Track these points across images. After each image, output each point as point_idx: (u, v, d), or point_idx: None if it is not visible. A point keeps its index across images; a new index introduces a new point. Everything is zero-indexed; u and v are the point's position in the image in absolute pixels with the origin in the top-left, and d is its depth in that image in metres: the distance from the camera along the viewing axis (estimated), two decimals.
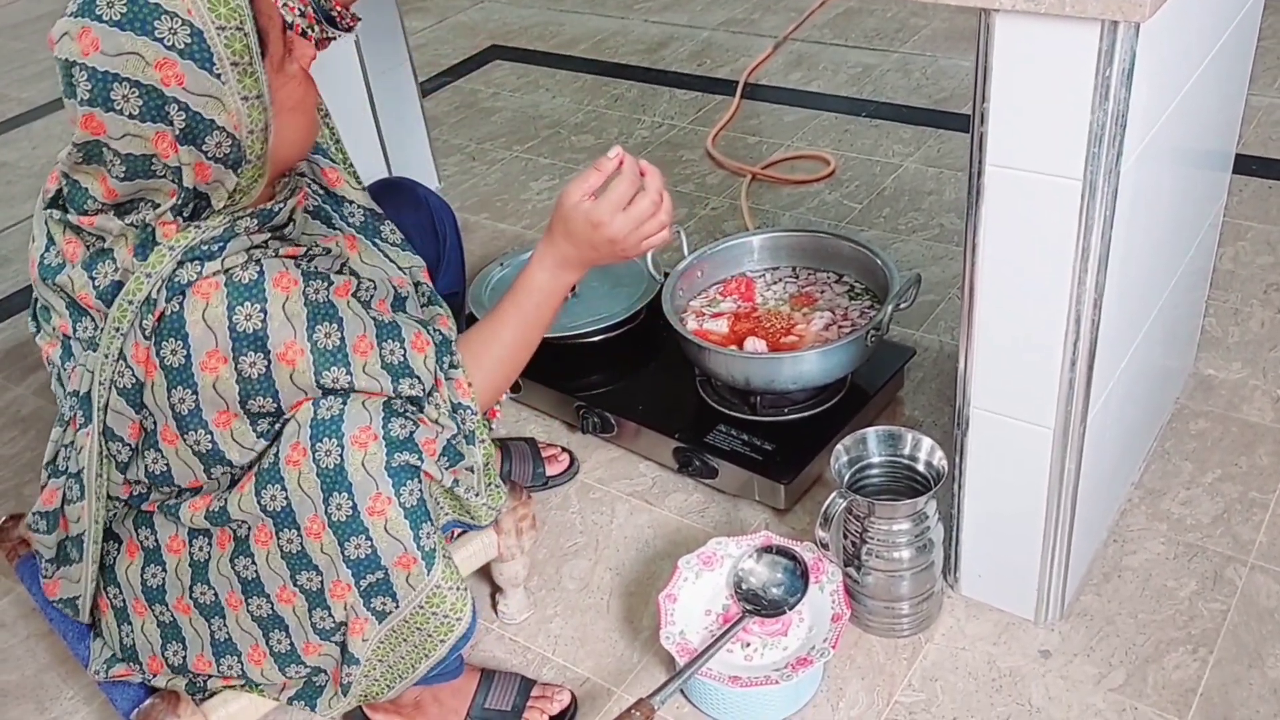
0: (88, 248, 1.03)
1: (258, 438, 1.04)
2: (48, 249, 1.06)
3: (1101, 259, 1.07)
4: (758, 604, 1.31)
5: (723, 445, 1.56)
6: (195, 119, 0.96)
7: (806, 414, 1.60)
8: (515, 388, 1.76)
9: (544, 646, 1.42)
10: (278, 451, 1.02)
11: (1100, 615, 1.36)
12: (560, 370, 1.73)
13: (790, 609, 1.30)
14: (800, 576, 1.32)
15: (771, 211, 2.27)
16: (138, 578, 1.13)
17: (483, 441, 1.14)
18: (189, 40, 0.94)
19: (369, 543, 1.03)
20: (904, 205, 2.24)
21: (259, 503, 1.03)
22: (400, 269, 1.25)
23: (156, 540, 1.12)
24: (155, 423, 1.04)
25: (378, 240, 1.26)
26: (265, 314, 0.99)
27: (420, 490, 1.05)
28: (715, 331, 1.61)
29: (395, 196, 1.42)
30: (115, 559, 1.15)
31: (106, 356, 1.02)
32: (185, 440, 1.04)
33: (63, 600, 1.20)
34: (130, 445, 1.07)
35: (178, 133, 0.96)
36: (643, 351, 1.77)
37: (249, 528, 1.07)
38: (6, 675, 1.49)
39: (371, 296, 1.13)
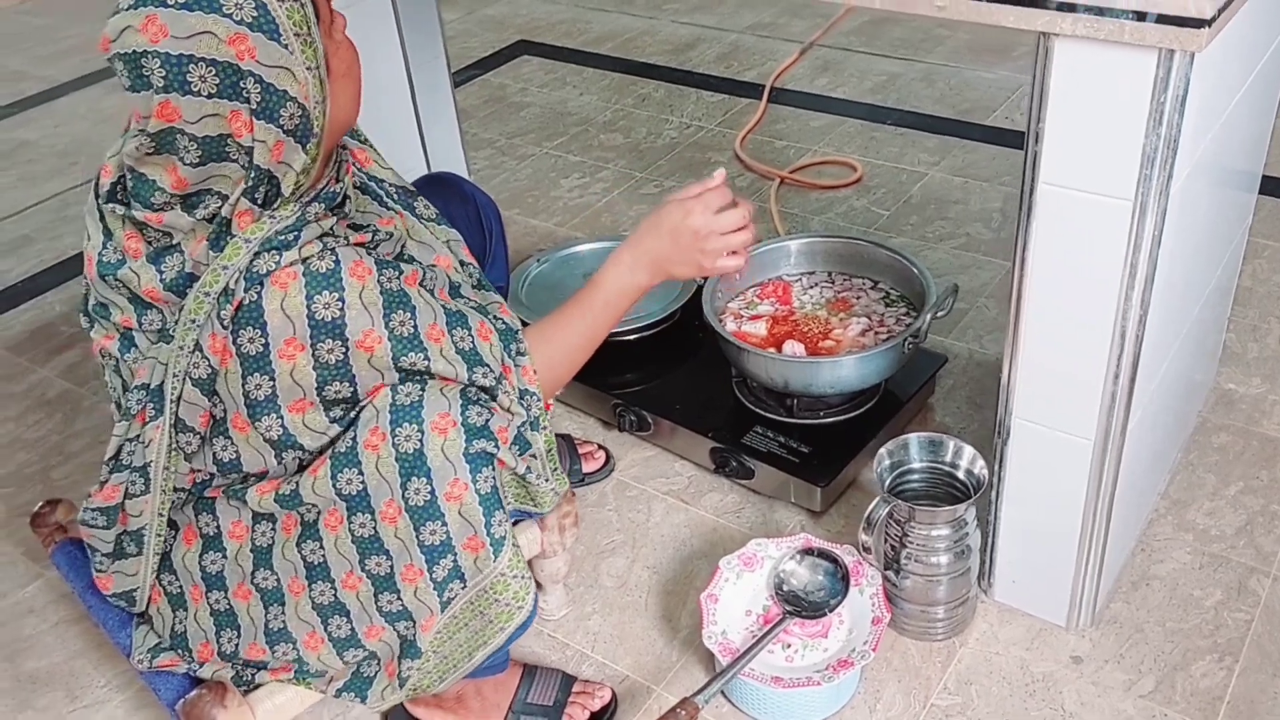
0: (150, 243, 1.05)
1: (330, 423, 1.07)
2: (105, 245, 1.07)
3: (1148, 277, 1.10)
4: (799, 605, 1.34)
5: (760, 446, 1.60)
6: (269, 92, 0.98)
7: (841, 418, 1.63)
8: None
9: (583, 643, 1.45)
10: (355, 436, 1.05)
11: (1129, 623, 1.39)
12: (597, 368, 1.72)
13: (831, 611, 1.33)
14: (841, 579, 1.35)
15: (801, 216, 2.30)
16: (195, 564, 1.16)
17: (545, 428, 1.17)
18: (255, 14, 0.96)
19: (444, 528, 1.06)
20: (931, 213, 2.27)
21: (334, 486, 1.05)
22: (441, 242, 1.27)
23: (218, 526, 1.14)
24: (226, 411, 1.06)
25: (415, 218, 1.29)
26: (343, 303, 1.02)
27: (494, 478, 1.08)
28: (754, 334, 1.64)
29: (442, 191, 1.45)
30: (171, 546, 1.17)
31: (181, 349, 1.03)
32: (257, 427, 1.06)
33: (117, 594, 1.22)
34: (200, 435, 1.09)
35: (254, 108, 0.98)
36: (678, 352, 1.80)
37: (318, 511, 1.09)
38: (36, 661, 1.51)
39: (434, 286, 1.16)
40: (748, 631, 1.35)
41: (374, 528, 1.07)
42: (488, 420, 1.08)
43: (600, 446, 1.72)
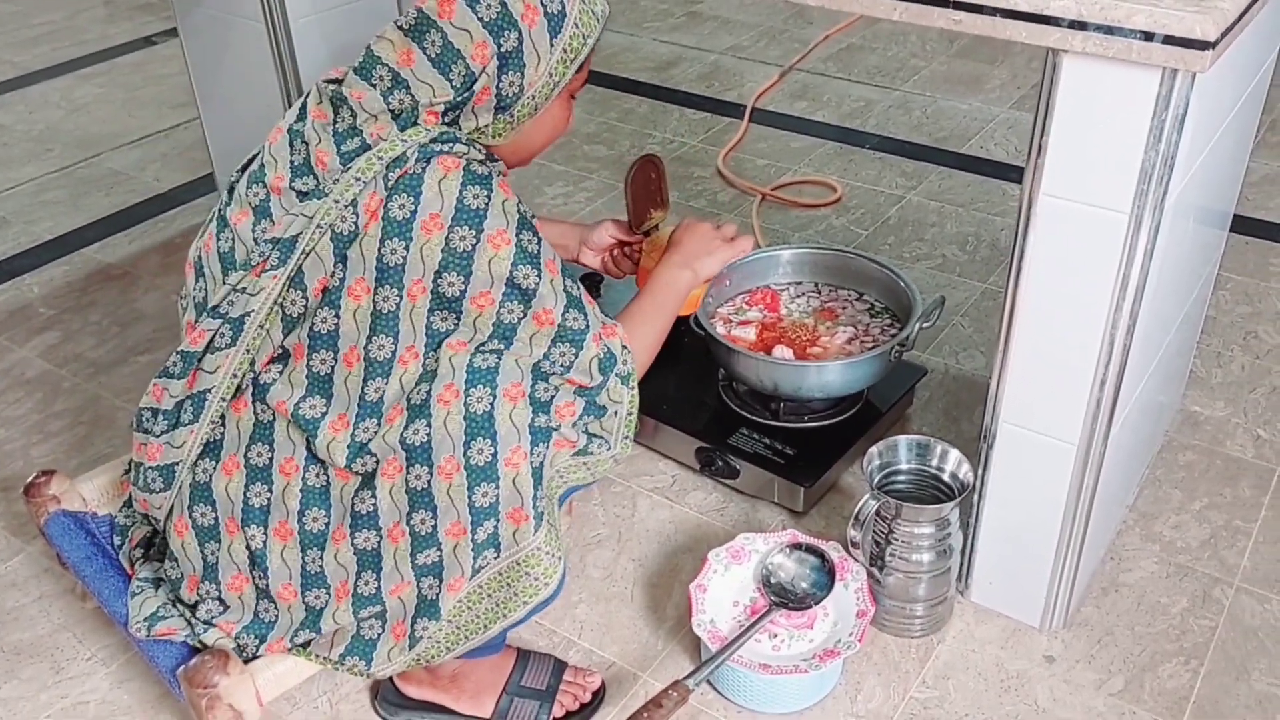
0: (335, 120, 1.14)
1: (426, 333, 1.11)
2: (300, 116, 1.18)
3: (1139, 288, 1.16)
4: (786, 597, 1.38)
5: (745, 447, 1.63)
6: (517, 53, 1.12)
7: (825, 423, 1.68)
8: None
9: (570, 631, 1.48)
10: (429, 389, 1.09)
11: (1100, 626, 1.45)
12: None
13: (817, 604, 1.37)
14: (827, 574, 1.39)
15: (781, 232, 2.36)
16: (240, 493, 1.16)
17: (633, 388, 1.24)
18: (557, 10, 1.14)
19: (496, 491, 1.09)
20: (908, 235, 2.33)
21: (401, 435, 1.10)
22: None
23: (270, 458, 1.15)
24: (346, 278, 1.10)
25: None
26: (489, 200, 1.11)
27: (546, 455, 1.13)
28: (743, 338, 1.68)
29: None
30: (211, 476, 1.17)
31: (337, 202, 1.10)
32: (376, 295, 1.10)
33: (159, 468, 1.19)
34: (308, 301, 1.12)
35: (500, 51, 1.11)
36: (665, 355, 1.82)
37: (377, 462, 1.12)
38: (20, 634, 1.50)
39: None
40: (735, 621, 1.38)
41: (428, 481, 1.10)
42: (553, 397, 1.13)
43: None
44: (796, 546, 1.42)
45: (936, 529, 1.36)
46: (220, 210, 1.21)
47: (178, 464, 1.19)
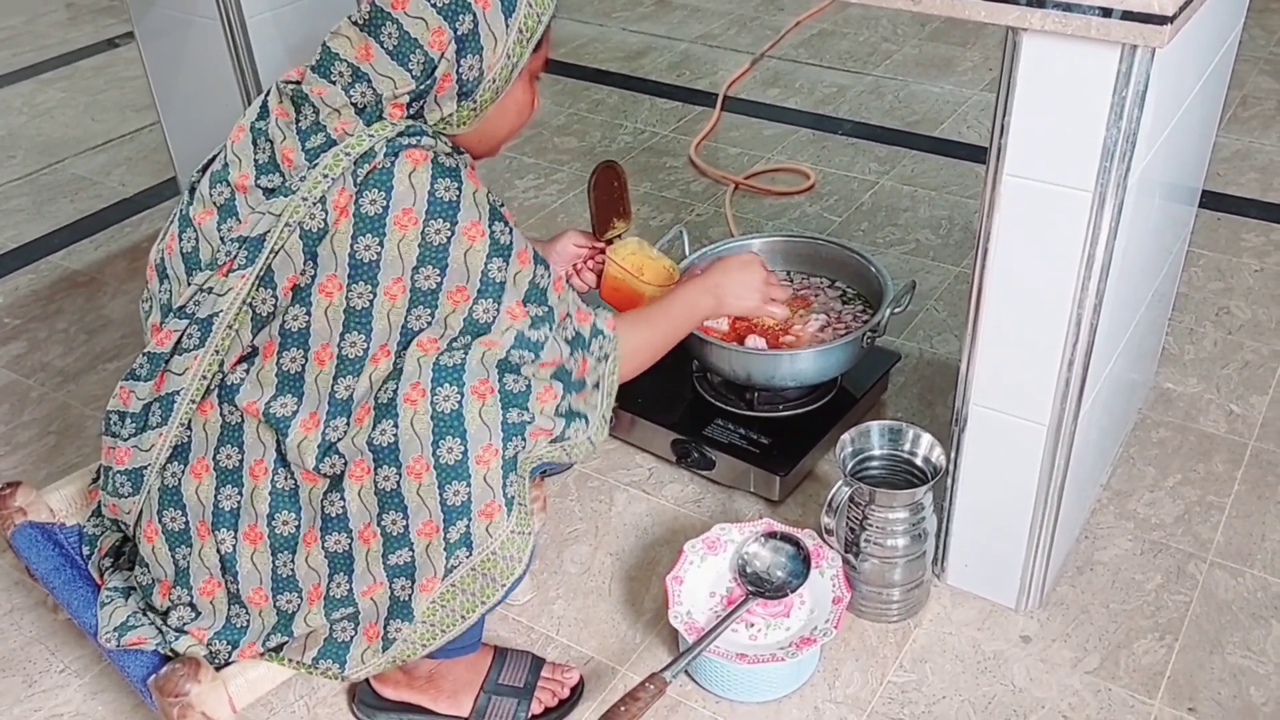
0: (298, 118, 1.13)
1: (401, 331, 1.10)
2: (261, 113, 1.17)
3: (1104, 266, 1.16)
4: (762, 586, 1.38)
5: (720, 438, 1.63)
6: (474, 35, 1.11)
7: (800, 411, 1.67)
8: None
9: (548, 627, 1.47)
10: (396, 387, 1.08)
11: (1075, 604, 1.45)
12: None
13: (793, 592, 1.36)
14: (802, 561, 1.39)
15: (755, 220, 2.35)
16: (210, 497, 1.15)
17: (613, 374, 1.24)
18: None
19: (467, 489, 1.08)
20: (881, 220, 2.33)
21: (368, 437, 1.09)
22: None
23: (240, 460, 1.14)
24: (317, 276, 1.09)
25: None
26: (460, 192, 1.10)
27: (519, 447, 1.12)
28: (716, 329, 1.68)
29: None
30: (180, 480, 1.16)
31: (305, 199, 1.09)
32: (349, 291, 1.08)
33: (127, 472, 1.18)
34: (278, 299, 1.10)
35: (457, 35, 1.10)
36: None
37: (345, 463, 1.11)
38: None
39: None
40: (712, 612, 1.38)
41: (398, 481, 1.09)
42: (528, 387, 1.12)
43: None
44: (772, 535, 1.42)
45: (910, 514, 1.36)
46: (182, 211, 1.20)
47: (146, 468, 1.17)
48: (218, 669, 1.18)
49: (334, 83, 1.12)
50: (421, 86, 1.12)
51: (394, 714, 1.33)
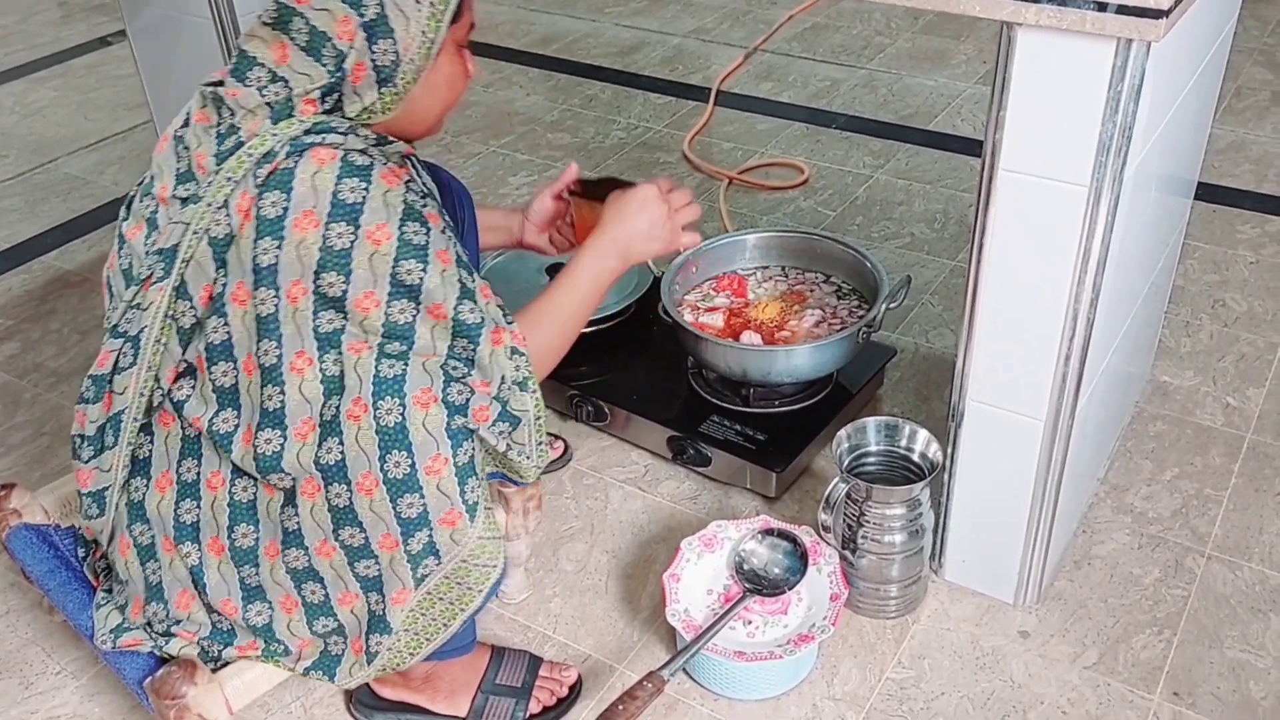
0: (219, 122, 1.10)
1: (315, 337, 1.05)
2: (185, 120, 1.14)
3: (1100, 261, 1.15)
4: (759, 584, 1.37)
5: (716, 435, 1.62)
6: (381, 19, 1.07)
7: (795, 407, 1.67)
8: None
9: (544, 625, 1.46)
10: (339, 405, 1.05)
11: (1073, 599, 1.45)
12: None
13: (790, 589, 1.36)
14: (800, 558, 1.38)
15: (749, 216, 2.35)
16: (170, 511, 1.14)
17: (534, 392, 1.15)
18: None
19: (421, 501, 1.06)
20: (876, 214, 2.33)
21: (314, 454, 1.06)
22: None
23: (198, 473, 1.13)
24: (228, 284, 1.07)
25: None
26: (367, 193, 1.05)
27: (473, 450, 1.09)
28: (711, 325, 1.67)
29: None
30: (144, 495, 1.15)
31: (210, 205, 1.06)
32: (255, 297, 1.05)
33: (92, 494, 1.18)
34: (196, 311, 1.09)
35: (364, 21, 1.06)
36: (634, 344, 1.83)
37: (294, 480, 1.09)
38: None
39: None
40: (709, 610, 1.37)
41: (349, 498, 1.07)
42: (468, 399, 1.09)
43: (558, 436, 1.74)
44: (768, 532, 1.42)
45: (908, 509, 1.36)
46: (119, 227, 1.17)
47: (108, 488, 1.17)
48: (214, 670, 1.18)
49: (249, 85, 1.09)
50: (335, 79, 1.09)
51: (392, 714, 1.32)
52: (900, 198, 2.38)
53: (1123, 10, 0.98)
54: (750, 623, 1.36)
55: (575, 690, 1.36)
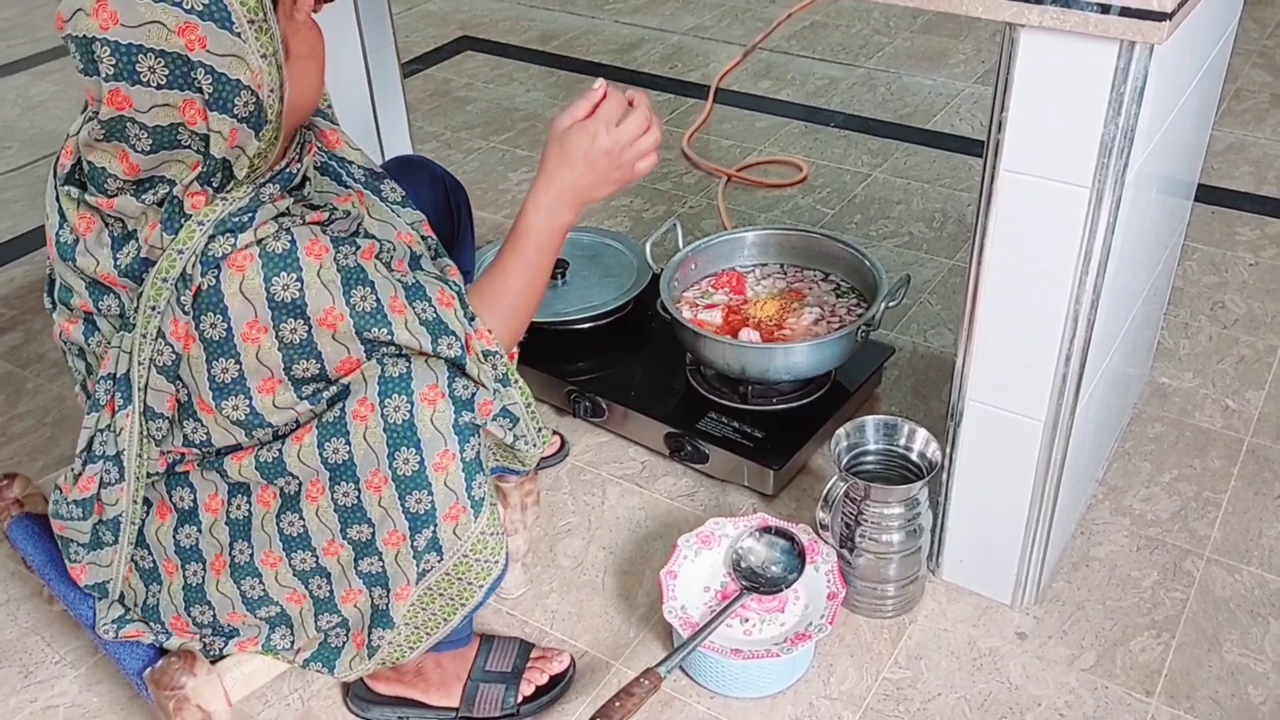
0: (106, 227, 1.03)
1: (300, 400, 1.06)
2: (61, 227, 1.06)
3: (1101, 262, 1.15)
4: (756, 581, 1.37)
5: (714, 432, 1.62)
6: (222, 81, 0.95)
7: (793, 405, 1.67)
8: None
9: (541, 620, 1.46)
10: (344, 406, 1.05)
11: (1071, 601, 1.45)
12: (551, 354, 1.78)
13: (788, 587, 1.36)
14: (797, 556, 1.38)
15: (747, 213, 2.35)
16: (170, 538, 1.15)
17: (517, 382, 1.15)
18: (207, 1, 0.93)
19: (430, 497, 1.06)
20: (874, 213, 2.33)
21: (320, 455, 1.05)
22: (405, 224, 1.25)
23: (194, 500, 1.13)
24: (190, 394, 1.06)
25: (379, 199, 1.27)
26: (302, 283, 1.00)
27: (479, 445, 1.09)
28: (710, 322, 1.67)
29: (411, 173, 1.45)
30: (144, 522, 1.16)
31: (144, 336, 1.02)
32: (222, 409, 1.05)
33: (91, 585, 1.20)
34: (168, 420, 1.08)
35: (207, 98, 0.96)
36: (632, 340, 1.83)
37: (300, 483, 1.08)
38: None
39: (391, 258, 1.14)
40: (706, 607, 1.37)
41: (357, 497, 1.07)
42: (474, 394, 1.09)
43: (555, 432, 1.74)
44: (766, 530, 1.42)
45: (906, 509, 1.36)
46: (53, 315, 1.13)
47: (109, 581, 1.19)
48: (214, 661, 1.18)
49: (113, 196, 1.01)
50: (209, 162, 1.00)
51: (387, 708, 1.32)
52: (899, 196, 2.38)
53: (1126, 12, 0.97)
54: (747, 620, 1.36)
55: (567, 673, 1.36)
